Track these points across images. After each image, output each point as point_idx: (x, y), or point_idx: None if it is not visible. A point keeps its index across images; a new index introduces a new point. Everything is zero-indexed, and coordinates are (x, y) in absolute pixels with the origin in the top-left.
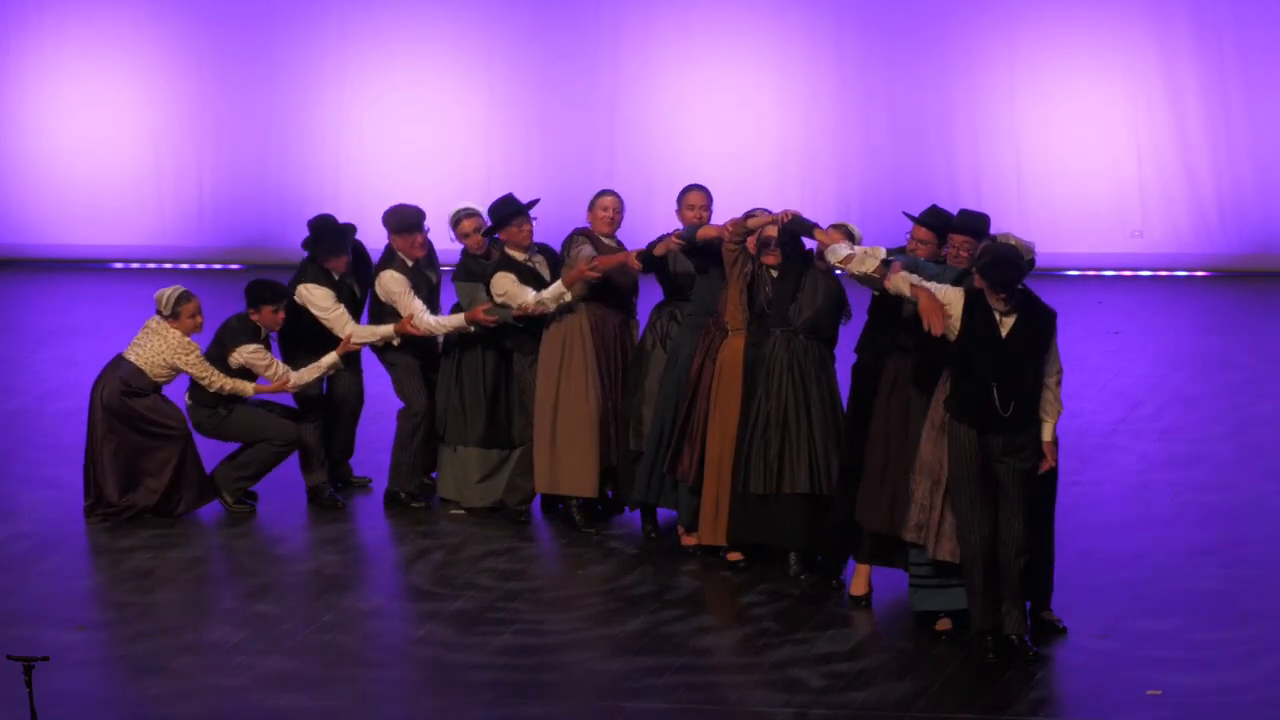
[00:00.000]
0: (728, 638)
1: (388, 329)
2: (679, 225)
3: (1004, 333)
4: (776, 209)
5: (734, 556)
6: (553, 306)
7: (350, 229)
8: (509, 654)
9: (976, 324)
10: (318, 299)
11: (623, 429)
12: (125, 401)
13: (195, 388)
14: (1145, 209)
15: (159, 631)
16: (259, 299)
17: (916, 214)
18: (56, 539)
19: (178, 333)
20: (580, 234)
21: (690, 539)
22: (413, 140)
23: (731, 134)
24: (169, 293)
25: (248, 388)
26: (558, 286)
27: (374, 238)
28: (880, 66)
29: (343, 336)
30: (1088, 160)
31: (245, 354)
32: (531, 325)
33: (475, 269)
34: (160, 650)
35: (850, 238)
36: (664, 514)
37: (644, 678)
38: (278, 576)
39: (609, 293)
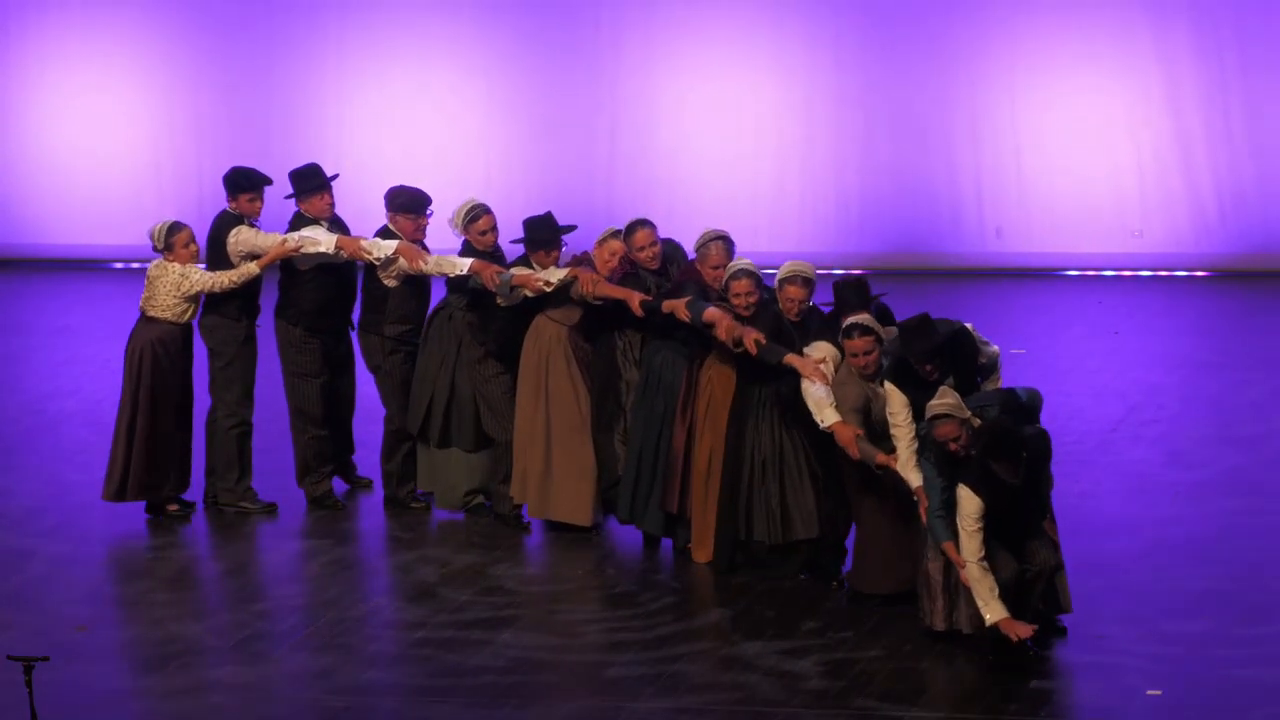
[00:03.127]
0: (727, 638)
1: (391, 244)
2: (655, 235)
3: (1015, 480)
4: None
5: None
6: (549, 289)
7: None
8: (509, 654)
9: (997, 494)
10: (316, 234)
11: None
12: (159, 361)
13: (212, 305)
14: (1145, 209)
15: (159, 631)
16: (235, 188)
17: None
18: (56, 538)
19: (176, 265)
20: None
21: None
22: (412, 140)
23: (731, 134)
24: (160, 227)
25: (252, 268)
26: (564, 272)
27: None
28: (880, 66)
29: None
30: (1088, 160)
31: (233, 239)
32: (507, 324)
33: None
34: (160, 650)
35: (808, 284)
36: None
37: (643, 678)
38: (278, 577)
39: (593, 324)
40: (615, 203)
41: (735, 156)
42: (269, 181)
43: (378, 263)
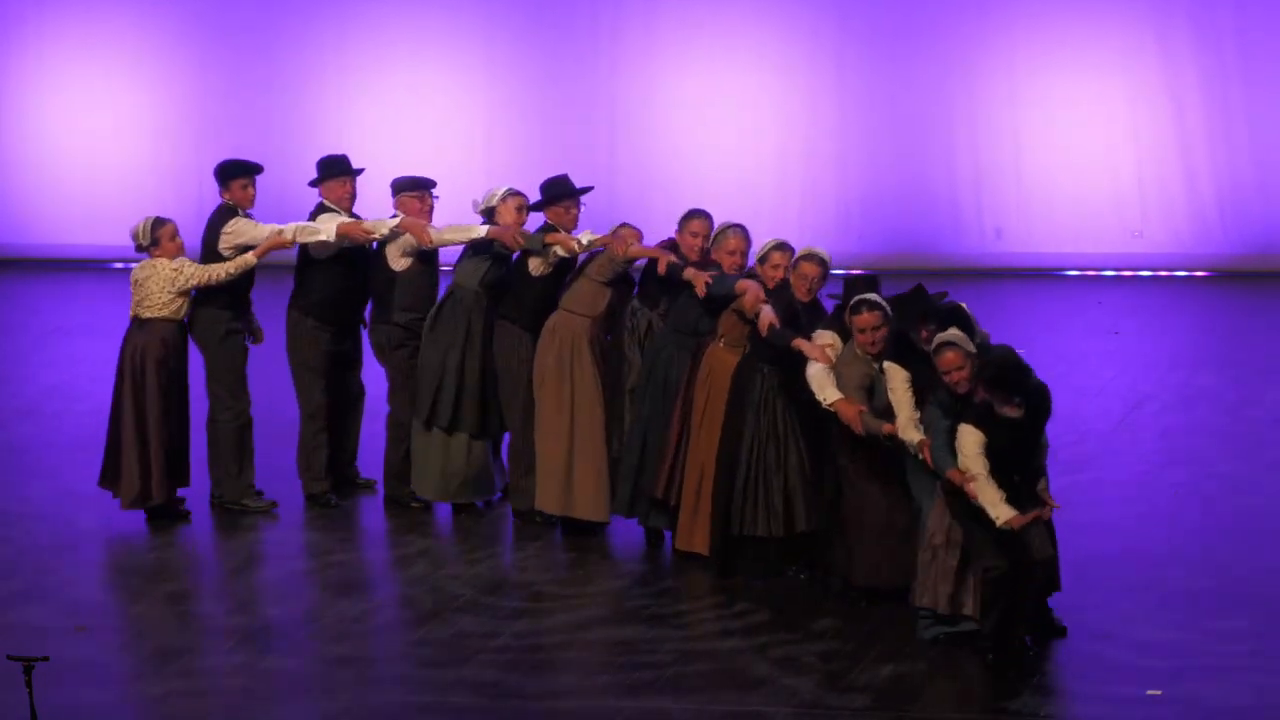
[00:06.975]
0: (727, 638)
1: (394, 220)
2: (673, 235)
3: (1016, 415)
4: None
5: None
6: (580, 250)
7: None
8: (509, 654)
9: (998, 431)
10: (316, 224)
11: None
12: (164, 361)
13: (198, 299)
14: (1145, 209)
15: (159, 632)
16: (227, 176)
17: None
18: (56, 538)
19: (164, 259)
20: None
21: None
22: (413, 138)
23: (732, 133)
24: (143, 224)
25: (249, 258)
26: (594, 236)
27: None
28: (881, 66)
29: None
30: (1088, 160)
31: (229, 230)
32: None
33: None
34: (160, 651)
35: (823, 264)
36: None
37: (643, 678)
38: (277, 577)
39: (608, 315)
40: (615, 202)
41: (735, 155)
42: (260, 169)
43: (383, 239)
